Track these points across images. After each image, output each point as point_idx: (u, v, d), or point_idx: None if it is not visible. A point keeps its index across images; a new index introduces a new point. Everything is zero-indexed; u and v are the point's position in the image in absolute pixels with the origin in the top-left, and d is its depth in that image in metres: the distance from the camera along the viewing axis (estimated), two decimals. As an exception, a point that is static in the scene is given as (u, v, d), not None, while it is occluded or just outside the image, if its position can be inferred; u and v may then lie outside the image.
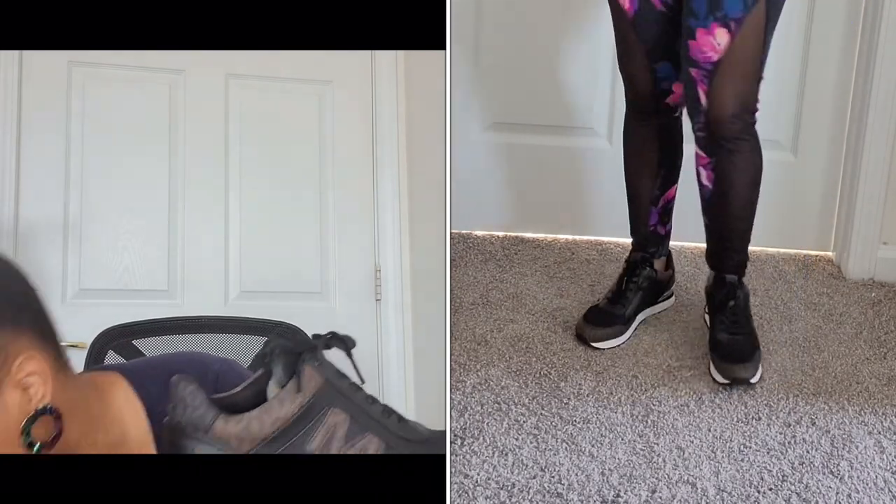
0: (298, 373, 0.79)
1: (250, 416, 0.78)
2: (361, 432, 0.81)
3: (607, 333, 2.11)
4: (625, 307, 2.14)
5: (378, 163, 2.31)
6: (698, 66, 1.88)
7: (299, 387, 0.79)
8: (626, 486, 1.72)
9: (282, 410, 0.79)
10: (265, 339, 0.89)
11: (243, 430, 0.78)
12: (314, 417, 0.79)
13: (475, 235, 2.64)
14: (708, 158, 1.98)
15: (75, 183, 2.08)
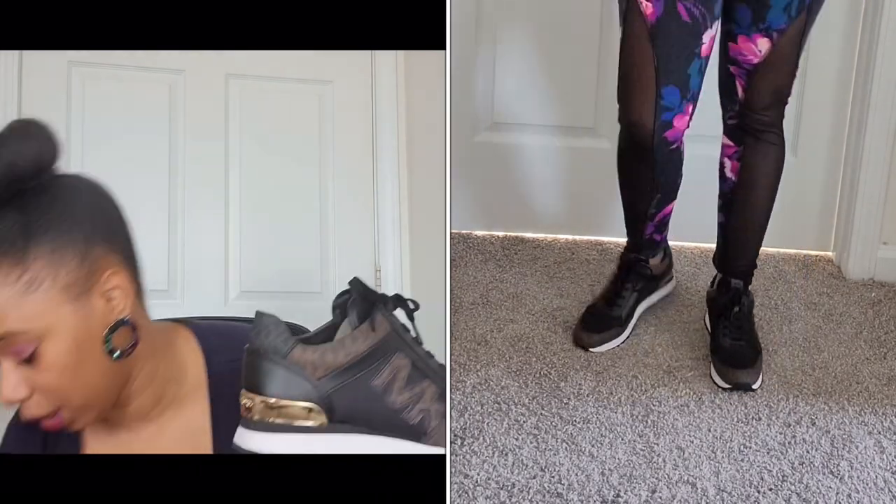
0: (372, 318, 0.88)
1: (325, 347, 0.86)
2: (421, 379, 0.89)
3: (604, 338, 2.10)
4: (621, 307, 2.13)
5: (378, 163, 2.31)
6: (738, 65, 1.90)
7: (373, 328, 0.88)
8: (626, 486, 1.72)
9: (354, 346, 0.87)
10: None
11: (318, 359, 0.86)
12: (382, 357, 0.88)
13: (475, 235, 2.64)
14: (735, 147, 2.00)
15: (75, 183, 2.08)
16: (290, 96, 2.27)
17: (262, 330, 0.86)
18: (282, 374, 0.85)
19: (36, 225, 0.94)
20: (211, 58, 2.17)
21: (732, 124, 2.00)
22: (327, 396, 0.86)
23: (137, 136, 2.16)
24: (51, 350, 0.94)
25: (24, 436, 1.12)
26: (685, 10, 1.76)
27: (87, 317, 0.97)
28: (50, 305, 0.94)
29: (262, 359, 0.85)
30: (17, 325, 0.92)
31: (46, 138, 1.00)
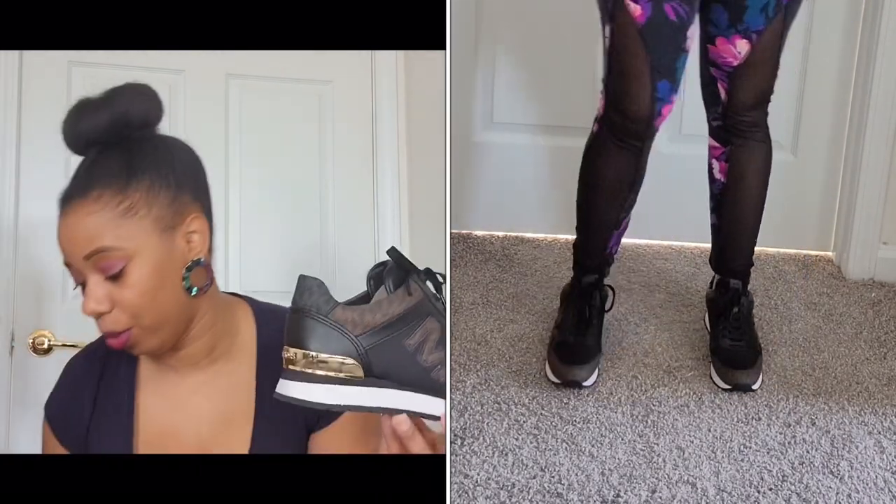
0: (407, 283, 0.96)
1: (364, 307, 0.94)
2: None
3: (591, 368, 1.99)
4: (594, 334, 2.04)
5: (378, 163, 2.30)
6: (718, 67, 1.91)
7: (409, 292, 0.96)
8: (626, 486, 1.72)
9: (391, 308, 0.95)
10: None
11: (358, 317, 0.93)
12: (415, 320, 0.96)
13: (475, 235, 2.64)
14: (723, 148, 2.01)
15: (75, 183, 2.08)
16: (290, 96, 2.26)
17: (305, 290, 0.93)
18: (323, 331, 0.92)
19: (138, 165, 1.12)
20: (211, 58, 2.17)
21: (717, 126, 2.00)
22: (365, 352, 0.93)
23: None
24: (136, 271, 1.10)
25: (86, 367, 1.27)
26: (672, 11, 1.79)
27: (170, 250, 1.12)
28: (141, 232, 1.10)
29: (305, 316, 0.92)
30: (113, 242, 1.09)
31: (155, 99, 1.17)
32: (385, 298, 0.96)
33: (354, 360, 0.93)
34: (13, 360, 2.02)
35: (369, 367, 0.93)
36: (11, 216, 2.03)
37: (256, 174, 2.22)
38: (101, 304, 1.11)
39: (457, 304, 2.31)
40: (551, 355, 2.01)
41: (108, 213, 1.11)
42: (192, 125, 2.20)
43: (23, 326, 2.03)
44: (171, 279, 1.13)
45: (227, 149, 2.23)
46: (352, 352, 0.93)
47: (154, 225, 1.12)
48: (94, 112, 1.16)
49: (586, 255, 2.09)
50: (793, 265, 2.52)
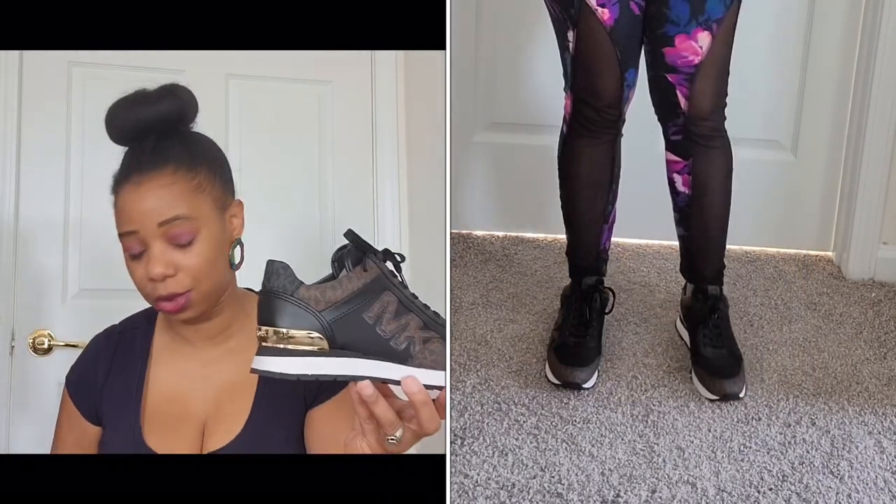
0: (364, 262, 1.07)
1: (326, 285, 1.04)
2: (406, 313, 1.06)
3: (592, 370, 1.99)
4: (594, 336, 2.03)
5: (378, 163, 2.30)
6: (677, 71, 1.88)
7: (365, 269, 1.06)
8: (626, 486, 1.72)
9: (350, 284, 1.05)
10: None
11: (320, 295, 1.03)
12: (372, 294, 1.05)
13: (475, 235, 2.64)
14: (684, 162, 1.97)
15: (75, 183, 2.08)
16: (290, 96, 2.26)
17: (272, 273, 1.03)
18: (290, 309, 1.02)
19: (196, 151, 1.28)
20: (211, 58, 2.17)
21: (677, 140, 1.96)
22: (329, 326, 1.02)
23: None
24: (202, 241, 1.24)
25: (104, 342, 1.38)
26: (636, 6, 1.86)
27: (222, 228, 1.28)
28: (207, 208, 1.26)
29: (273, 297, 1.02)
30: (188, 212, 1.23)
31: (195, 99, 1.31)
32: (344, 276, 1.05)
33: (320, 334, 1.02)
34: (13, 360, 2.02)
35: (334, 340, 1.02)
36: (11, 216, 2.03)
37: (256, 174, 2.22)
38: (168, 268, 1.22)
39: (457, 304, 2.31)
40: (551, 356, 2.01)
41: (183, 187, 1.25)
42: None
43: (23, 326, 2.03)
44: (223, 254, 1.28)
45: (226, 149, 2.22)
46: (317, 326, 1.02)
47: (213, 203, 1.27)
48: (154, 103, 1.28)
49: (582, 256, 2.08)
50: (793, 265, 2.52)
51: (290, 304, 1.02)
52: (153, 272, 1.22)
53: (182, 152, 1.27)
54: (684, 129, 1.93)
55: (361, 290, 1.05)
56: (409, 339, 1.04)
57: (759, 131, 2.49)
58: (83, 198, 2.08)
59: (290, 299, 1.02)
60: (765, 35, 2.44)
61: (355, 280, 1.05)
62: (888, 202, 2.42)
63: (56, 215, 2.07)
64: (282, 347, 1.01)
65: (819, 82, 2.46)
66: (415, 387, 1.00)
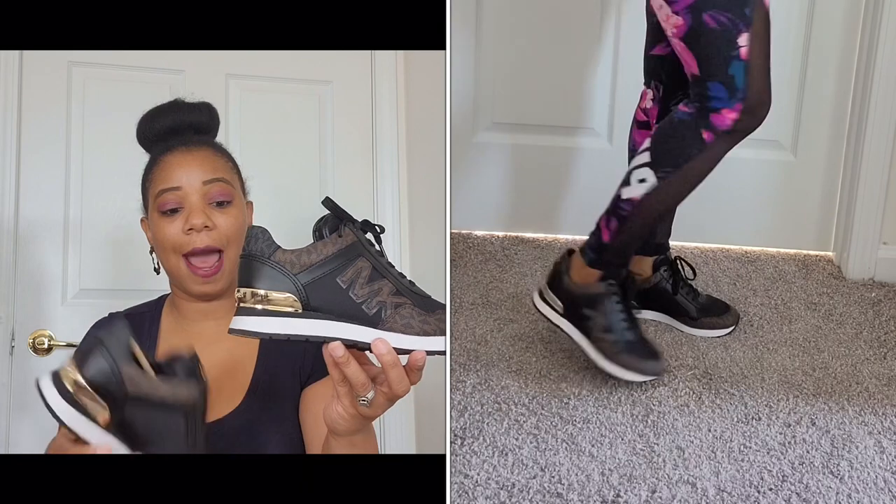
0: (340, 229, 1.10)
1: (302, 249, 1.09)
2: (379, 279, 1.10)
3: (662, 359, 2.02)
4: (640, 327, 2.03)
5: (378, 163, 2.30)
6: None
7: (340, 235, 1.10)
8: (626, 486, 1.72)
9: (325, 249, 1.09)
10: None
11: (296, 258, 1.08)
12: (346, 259, 1.09)
13: (475, 235, 2.64)
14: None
15: (75, 183, 2.08)
16: (290, 96, 2.26)
17: (251, 238, 1.09)
18: (267, 271, 1.07)
19: (223, 150, 1.46)
20: (211, 58, 2.17)
21: (667, 103, 2.04)
22: (303, 288, 1.07)
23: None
24: (234, 207, 1.38)
25: (112, 321, 1.44)
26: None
27: (243, 209, 1.41)
28: (237, 185, 1.42)
29: (252, 260, 1.08)
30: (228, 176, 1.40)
31: (216, 114, 1.49)
32: (320, 241, 1.10)
33: (294, 296, 1.06)
34: (13, 360, 2.02)
35: (307, 302, 1.06)
36: (11, 216, 2.03)
37: (256, 174, 2.22)
38: (207, 220, 1.34)
39: (457, 304, 2.31)
40: (623, 357, 1.96)
41: (226, 162, 1.42)
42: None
43: (23, 326, 2.03)
44: (244, 232, 1.33)
45: (227, 148, 2.23)
46: (292, 288, 1.06)
47: (239, 188, 1.42)
48: (188, 111, 1.44)
49: (629, 256, 2.01)
50: (793, 265, 2.52)
51: (267, 266, 1.07)
52: (194, 221, 1.34)
53: (215, 141, 1.46)
54: (686, 100, 1.96)
55: (336, 255, 1.09)
56: (381, 303, 1.08)
57: (759, 131, 2.47)
58: (83, 198, 2.09)
59: (266, 262, 1.07)
60: (765, 35, 2.44)
61: (330, 245, 1.09)
62: (888, 202, 2.42)
63: (56, 215, 2.07)
64: (259, 308, 1.06)
65: (819, 82, 2.46)
66: (383, 348, 1.05)
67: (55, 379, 1.07)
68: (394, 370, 1.06)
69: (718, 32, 1.76)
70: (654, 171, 1.87)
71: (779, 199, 2.55)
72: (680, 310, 2.20)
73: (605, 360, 1.96)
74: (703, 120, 1.82)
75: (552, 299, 2.02)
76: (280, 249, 1.08)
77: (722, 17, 1.75)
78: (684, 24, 1.77)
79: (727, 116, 1.80)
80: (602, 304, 1.96)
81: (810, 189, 2.54)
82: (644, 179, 1.88)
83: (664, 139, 1.87)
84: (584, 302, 1.98)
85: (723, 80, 1.79)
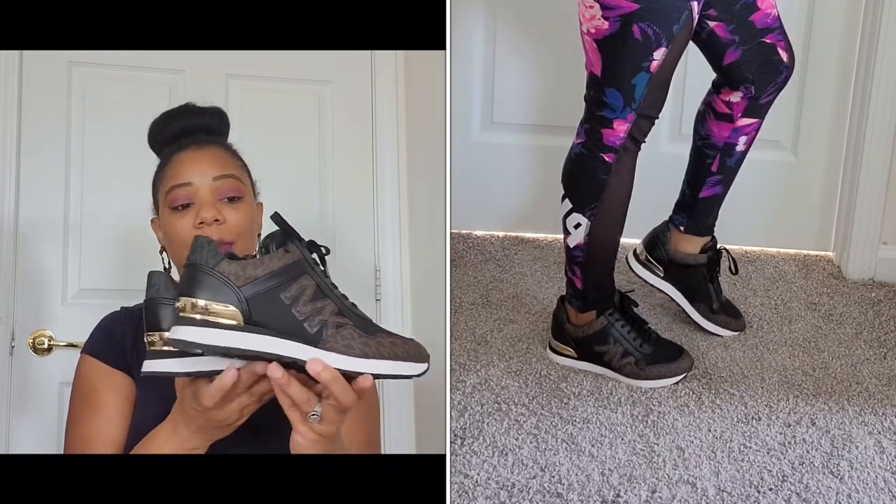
0: (286, 246, 1.10)
1: (247, 262, 1.08)
2: (323, 298, 1.09)
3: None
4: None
5: (378, 163, 2.30)
6: (770, 30, 1.92)
7: (286, 251, 1.09)
8: (626, 486, 1.72)
9: (271, 263, 1.08)
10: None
11: (241, 270, 1.06)
12: (291, 275, 1.08)
13: (475, 235, 2.64)
14: (758, 122, 2.03)
15: (75, 183, 2.08)
16: (290, 96, 2.26)
17: (196, 248, 1.07)
18: (210, 282, 1.05)
19: (235, 152, 1.47)
20: (211, 58, 2.17)
21: (772, 100, 2.01)
22: (246, 302, 1.05)
23: (138, 137, 2.16)
24: (243, 204, 1.39)
25: (123, 314, 1.45)
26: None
27: (253, 207, 1.43)
28: (247, 184, 1.43)
29: (196, 270, 1.06)
30: (239, 174, 1.41)
31: (227, 120, 1.50)
32: (267, 255, 1.09)
33: (236, 308, 1.05)
34: (13, 360, 2.02)
35: (249, 315, 1.05)
36: (11, 216, 2.03)
37: (255, 174, 2.22)
38: (218, 214, 1.34)
39: (457, 304, 2.31)
40: (651, 370, 1.99)
41: (236, 160, 1.43)
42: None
43: (23, 326, 2.03)
44: (253, 231, 1.41)
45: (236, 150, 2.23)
46: (234, 301, 1.05)
47: (249, 187, 1.43)
48: (199, 114, 1.45)
49: (609, 283, 2.04)
50: (793, 265, 2.52)
51: (211, 276, 1.05)
52: (205, 215, 1.33)
53: (226, 142, 1.47)
54: (785, 82, 1.98)
55: (281, 270, 1.08)
56: (323, 322, 1.07)
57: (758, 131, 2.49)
58: (83, 198, 2.08)
59: (211, 272, 1.05)
60: (765, 35, 2.44)
61: (276, 260, 1.08)
62: (888, 202, 2.42)
63: (56, 215, 2.07)
64: (199, 318, 1.04)
65: (819, 82, 2.46)
66: (318, 367, 1.04)
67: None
68: (335, 385, 1.05)
69: (639, 43, 1.77)
70: (580, 213, 1.93)
71: (779, 199, 2.55)
72: (704, 298, 2.17)
73: (638, 381, 2.00)
74: (597, 144, 1.88)
75: (563, 349, 2.07)
76: (226, 260, 1.07)
77: (649, 29, 1.76)
78: (608, 30, 1.79)
79: (619, 129, 1.86)
80: (609, 335, 2.01)
81: (810, 189, 2.54)
82: (578, 224, 1.94)
83: (573, 181, 1.93)
84: (592, 342, 2.03)
85: (621, 88, 1.82)
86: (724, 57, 1.94)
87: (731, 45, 1.91)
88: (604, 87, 1.84)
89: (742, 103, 1.98)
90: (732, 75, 1.96)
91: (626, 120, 1.85)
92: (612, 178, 1.88)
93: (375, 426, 1.45)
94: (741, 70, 1.94)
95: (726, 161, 2.06)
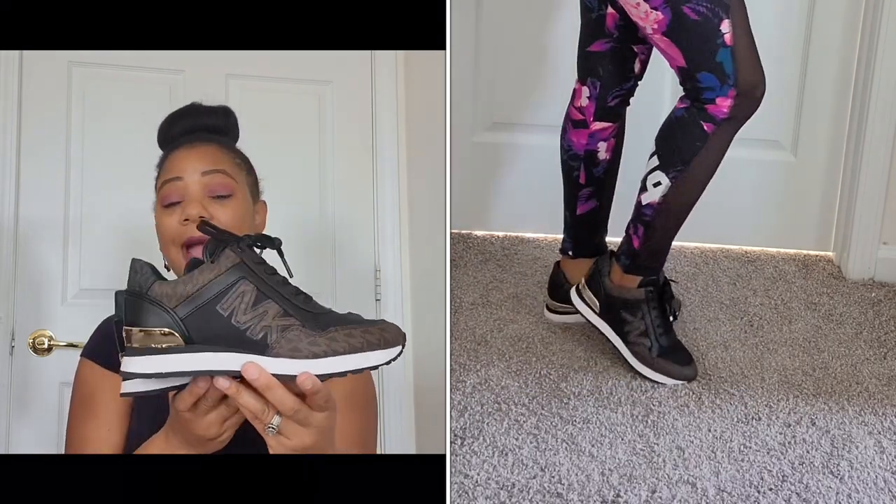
0: (216, 254, 1.06)
1: (178, 280, 1.04)
2: (264, 300, 1.04)
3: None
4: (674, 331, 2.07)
5: (378, 163, 2.31)
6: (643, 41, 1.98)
7: (213, 261, 1.05)
8: (626, 486, 1.72)
9: (201, 277, 1.04)
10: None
11: (172, 291, 1.03)
12: (226, 285, 1.04)
13: (475, 235, 2.64)
14: (613, 125, 2.08)
15: (75, 183, 2.08)
16: (290, 96, 2.27)
17: (131, 272, 1.05)
18: (145, 307, 1.03)
19: (236, 148, 1.46)
20: (211, 58, 2.17)
21: (617, 102, 2.04)
22: (181, 322, 1.02)
23: (138, 137, 2.16)
24: (234, 201, 1.36)
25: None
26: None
27: (251, 211, 1.42)
28: (242, 182, 1.40)
29: (130, 296, 1.04)
30: (230, 170, 1.38)
31: (236, 121, 1.50)
32: (197, 269, 1.05)
33: (173, 331, 1.02)
34: (13, 360, 2.02)
35: (189, 336, 1.02)
36: (11, 216, 2.03)
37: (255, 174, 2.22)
38: (203, 211, 1.32)
39: (457, 304, 2.31)
40: (659, 363, 1.99)
41: (229, 156, 1.40)
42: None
43: (23, 326, 2.03)
44: (245, 227, 1.37)
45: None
46: (170, 323, 1.02)
47: (246, 187, 1.41)
48: (205, 114, 1.46)
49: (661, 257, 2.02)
50: (793, 265, 2.52)
51: (146, 302, 1.03)
52: (190, 211, 1.31)
53: (227, 141, 1.45)
54: (628, 94, 2.06)
55: (213, 282, 1.04)
56: (266, 328, 1.03)
57: (759, 131, 2.48)
58: (83, 198, 2.09)
59: (145, 297, 1.03)
60: (765, 35, 2.42)
61: (207, 272, 1.04)
62: (888, 202, 2.42)
63: (56, 215, 2.07)
64: (138, 347, 1.02)
65: (819, 82, 2.46)
66: (254, 373, 1.00)
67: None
68: (270, 392, 1.01)
69: (701, 23, 1.78)
70: (665, 172, 1.90)
71: (779, 199, 2.55)
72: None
73: (642, 365, 2.00)
74: (701, 112, 1.85)
75: (590, 298, 2.06)
76: (157, 282, 1.04)
77: (701, 6, 1.78)
78: (665, 19, 1.79)
79: (722, 105, 1.83)
80: (640, 309, 2.01)
81: (810, 189, 2.54)
82: (658, 182, 1.91)
83: (668, 139, 1.91)
84: (621, 305, 2.02)
85: (712, 69, 1.81)
86: (592, 42, 2.03)
87: (606, 37, 1.98)
88: (695, 73, 1.83)
89: (591, 105, 2.04)
90: (589, 65, 2.04)
91: (728, 96, 1.82)
92: (705, 147, 1.86)
93: (369, 425, 1.43)
94: (596, 63, 2.02)
95: (592, 171, 2.08)
